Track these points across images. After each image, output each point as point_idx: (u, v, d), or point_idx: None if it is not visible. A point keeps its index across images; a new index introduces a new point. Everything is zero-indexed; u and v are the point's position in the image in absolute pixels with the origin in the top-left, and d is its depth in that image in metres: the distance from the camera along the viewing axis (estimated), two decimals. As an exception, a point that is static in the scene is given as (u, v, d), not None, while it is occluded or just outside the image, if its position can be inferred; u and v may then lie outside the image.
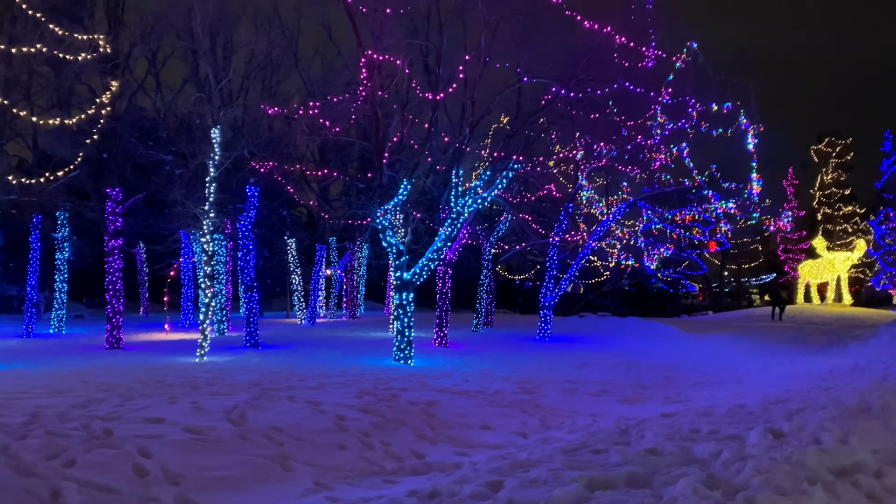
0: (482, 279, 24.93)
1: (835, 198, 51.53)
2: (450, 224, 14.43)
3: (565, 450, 6.40)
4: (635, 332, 24.06)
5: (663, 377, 14.75)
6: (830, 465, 4.87)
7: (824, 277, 41.53)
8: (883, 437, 5.73)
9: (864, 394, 7.94)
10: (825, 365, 16.38)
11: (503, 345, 19.82)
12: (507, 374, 13.66)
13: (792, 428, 5.90)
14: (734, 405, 9.50)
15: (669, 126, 17.12)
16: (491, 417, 9.64)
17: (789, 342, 23.45)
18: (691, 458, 5.34)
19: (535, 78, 13.89)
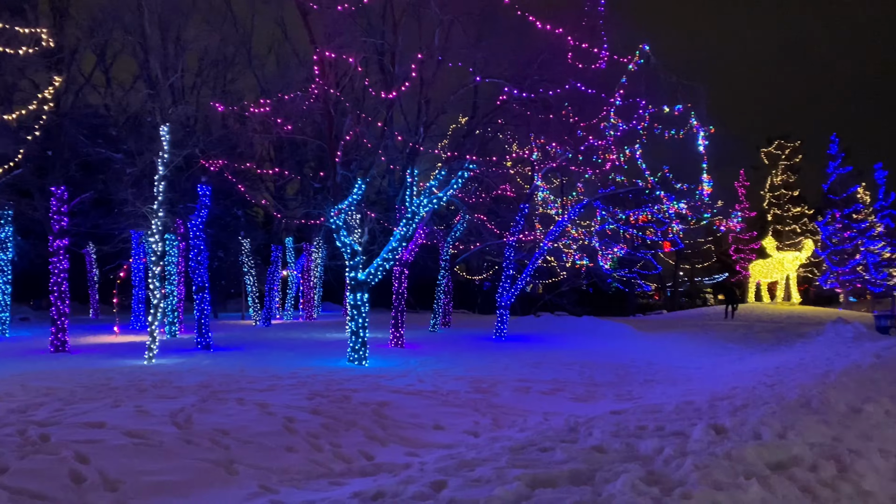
0: (439, 279, 24.92)
1: (784, 199, 52.99)
2: (405, 224, 14.36)
3: (513, 448, 6.39)
4: (590, 331, 24.34)
5: (616, 375, 14.93)
6: (768, 459, 4.95)
7: (774, 277, 42.65)
8: (820, 432, 5.87)
9: (806, 389, 8.14)
10: (773, 362, 16.80)
11: (459, 345, 19.83)
12: (461, 373, 13.66)
13: (734, 424, 5.99)
14: (682, 402, 9.65)
15: (622, 127, 17.34)
16: (443, 417, 9.60)
17: (740, 340, 24.01)
18: (635, 455, 5.39)
19: (488, 78, 13.92)
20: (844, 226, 48.16)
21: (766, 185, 53.82)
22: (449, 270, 25.83)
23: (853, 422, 6.55)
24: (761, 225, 53.37)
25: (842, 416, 6.73)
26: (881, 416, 7.17)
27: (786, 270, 41.28)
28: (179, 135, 19.10)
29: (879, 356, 13.29)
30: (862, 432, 6.18)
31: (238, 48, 24.13)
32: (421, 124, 14.13)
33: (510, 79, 13.78)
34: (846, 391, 8.10)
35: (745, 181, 54.76)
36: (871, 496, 4.60)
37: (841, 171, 48.88)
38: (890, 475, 5.25)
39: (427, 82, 13.80)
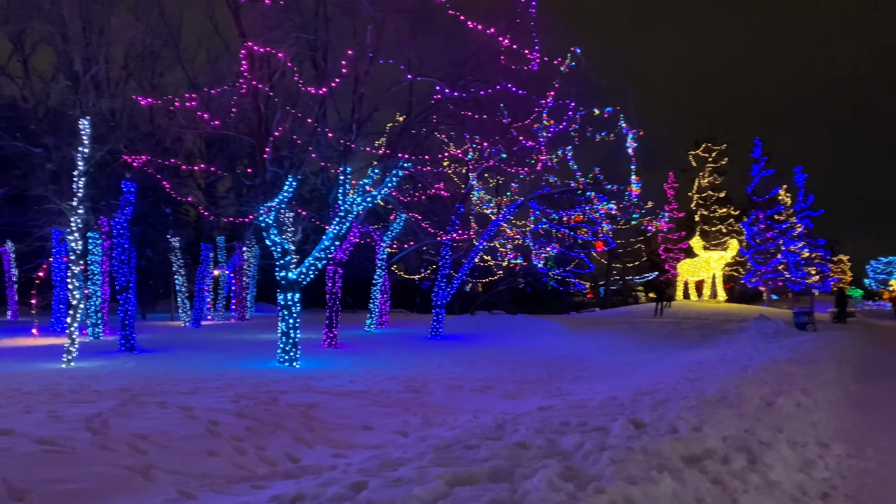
0: (376, 279, 24.77)
1: (711, 200, 54.89)
2: (338, 222, 14.20)
3: (438, 447, 6.38)
4: (524, 329, 24.61)
5: (547, 372, 15.14)
6: (683, 452, 5.09)
7: (701, 275, 44.13)
8: (734, 425, 6.07)
9: (724, 384, 8.42)
10: (697, 357, 17.34)
11: (395, 344, 19.76)
12: (394, 373, 13.60)
13: (653, 418, 6.14)
14: (607, 397, 9.85)
15: (554, 129, 17.60)
16: (373, 417, 9.53)
17: (667, 337, 24.71)
18: (556, 451, 5.45)
19: (421, 76, 13.89)
20: (767, 226, 50.22)
21: (693, 187, 55.63)
22: (385, 270, 25.70)
23: (766, 414, 6.80)
24: (689, 225, 55.12)
25: (756, 409, 6.99)
26: (792, 408, 7.49)
27: (712, 269, 42.78)
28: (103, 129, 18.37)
29: (795, 351, 13.90)
30: (773, 424, 6.42)
31: (166, 41, 23.37)
32: (354, 122, 13.99)
33: (443, 78, 13.79)
34: (762, 385, 8.41)
35: (675, 183, 56.48)
36: (778, 486, 4.79)
37: (764, 173, 50.95)
38: (797, 465, 5.47)
39: (360, 79, 13.66)
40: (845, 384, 10.76)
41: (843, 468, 5.71)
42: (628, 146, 18.37)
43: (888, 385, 11.21)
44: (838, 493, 5.03)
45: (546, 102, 16.05)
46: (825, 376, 10.67)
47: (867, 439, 6.90)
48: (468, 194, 20.62)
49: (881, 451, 6.37)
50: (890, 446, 6.61)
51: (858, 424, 7.67)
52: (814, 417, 7.41)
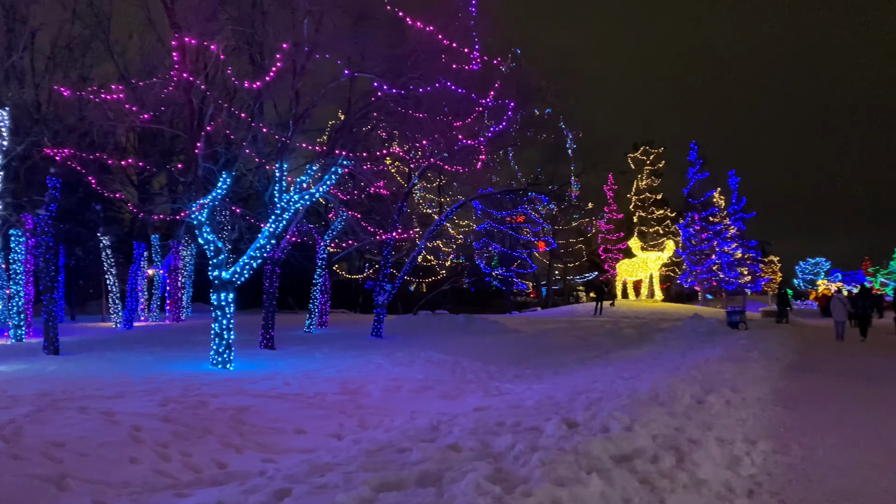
0: (316, 278, 24.36)
1: (648, 202, 56.15)
2: (274, 220, 13.85)
3: (370, 451, 6.24)
4: (465, 329, 24.62)
5: (486, 372, 15.12)
6: (614, 452, 5.08)
7: (639, 275, 45.07)
8: (665, 423, 6.11)
9: (657, 382, 8.52)
10: (633, 356, 17.65)
11: (334, 345, 19.43)
12: (331, 374, 13.34)
13: (586, 418, 6.13)
14: (544, 397, 9.88)
15: (494, 128, 17.63)
16: (307, 420, 9.29)
17: (606, 336, 25.10)
18: (488, 453, 5.38)
19: (359, 73, 13.67)
20: (702, 228, 51.77)
21: (632, 189, 56.81)
22: (326, 269, 25.32)
23: (696, 412, 6.89)
24: (628, 226, 56.27)
25: (686, 407, 7.07)
26: (722, 406, 7.62)
27: (649, 269, 43.73)
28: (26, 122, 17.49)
29: (727, 349, 14.26)
30: (703, 422, 6.50)
31: (95, 32, 22.39)
32: (291, 118, 13.65)
33: (382, 74, 13.60)
34: (693, 383, 8.55)
35: (614, 185, 57.59)
36: (705, 484, 4.81)
37: (699, 176, 52.49)
38: (725, 463, 5.53)
39: (297, 74, 13.35)
40: (774, 381, 11.06)
41: (770, 465, 5.81)
42: (567, 146, 18.59)
43: (814, 382, 11.57)
44: (763, 490, 5.10)
45: (486, 102, 16.05)
46: (755, 374, 10.95)
47: (793, 436, 7.06)
48: (410, 193, 20.47)
49: (806, 448, 6.52)
50: (814, 442, 6.77)
51: (785, 421, 7.85)
52: (742, 415, 7.55)
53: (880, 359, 16.61)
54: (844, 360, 15.96)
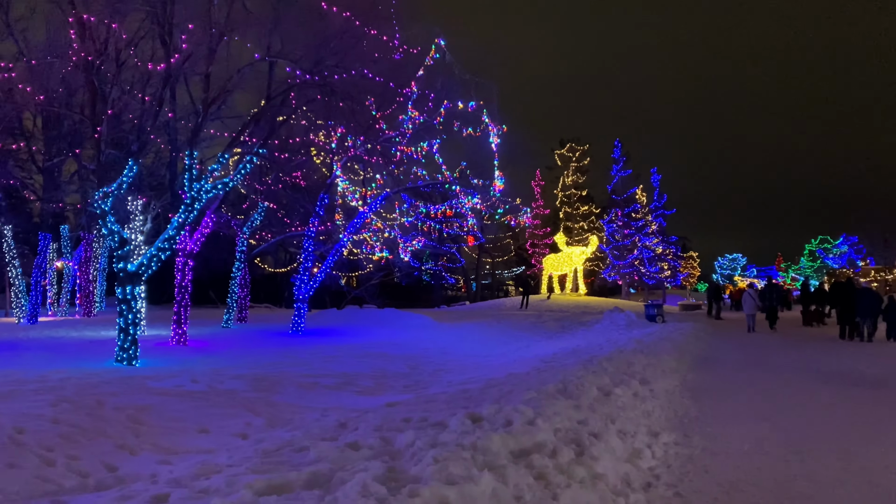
0: (234, 272, 23.61)
1: (574, 198, 57.19)
2: (184, 210, 13.26)
3: (268, 450, 5.97)
4: (391, 324, 24.38)
5: (408, 366, 14.96)
6: (513, 447, 4.98)
7: (564, 270, 45.79)
8: (569, 416, 6.07)
9: (567, 375, 8.53)
10: (553, 348, 17.83)
11: (252, 340, 18.88)
12: (244, 371, 12.89)
13: (490, 412, 6.02)
14: (459, 390, 9.77)
15: (419, 120, 17.44)
16: (212, 419, 8.89)
17: (529, 329, 25.35)
18: (387, 451, 5.20)
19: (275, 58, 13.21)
20: (625, 223, 53.11)
21: (559, 185, 57.73)
22: (245, 262, 24.58)
23: (602, 405, 6.90)
24: (554, 221, 57.18)
25: (593, 400, 7.08)
26: (629, 398, 7.67)
27: (574, 264, 44.49)
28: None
29: (641, 342, 14.54)
30: (608, 415, 6.51)
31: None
32: (200, 103, 13.06)
33: (298, 60, 13.17)
34: (603, 375, 8.60)
35: (541, 180, 58.39)
36: (602, 478, 4.77)
37: (623, 173, 53.81)
38: (625, 456, 5.53)
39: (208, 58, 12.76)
40: (683, 373, 11.32)
41: (670, 457, 5.85)
42: (491, 141, 18.55)
43: (722, 374, 11.92)
44: (661, 483, 5.11)
45: (407, 92, 15.81)
46: (665, 366, 11.17)
47: (696, 427, 7.17)
48: (333, 185, 20.04)
49: (707, 438, 6.63)
50: (715, 433, 6.89)
51: (690, 412, 7.99)
52: (648, 406, 7.63)
53: (787, 350, 17.33)
54: (753, 352, 16.55)
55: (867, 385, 10.49)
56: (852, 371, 12.41)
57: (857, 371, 12.41)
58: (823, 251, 77.37)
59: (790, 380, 11.12)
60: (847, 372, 12.24)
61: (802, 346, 18.62)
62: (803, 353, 16.42)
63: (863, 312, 20.05)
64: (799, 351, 17.03)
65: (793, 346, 18.68)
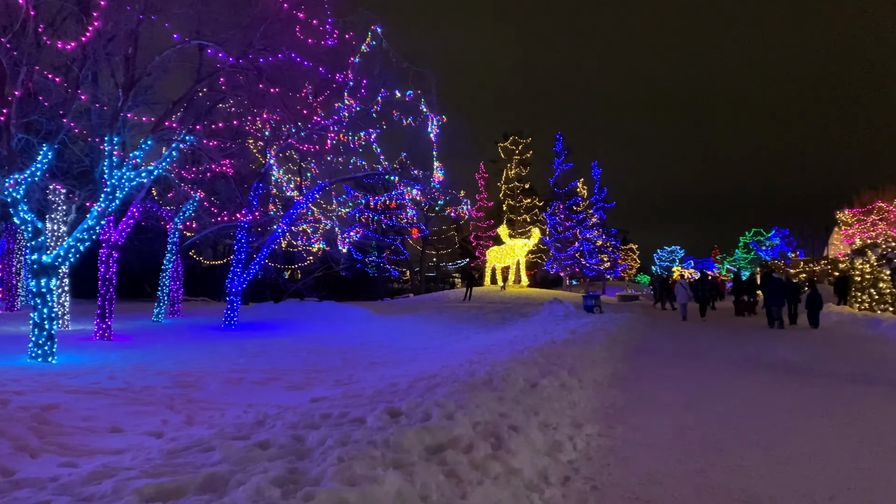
0: (165, 264, 22.79)
1: (517, 191, 57.48)
2: (105, 199, 12.62)
3: (174, 451, 5.63)
4: (330, 317, 23.99)
5: (342, 360, 14.66)
6: (429, 442, 4.80)
7: (507, 262, 45.97)
8: (491, 409, 5.92)
9: (496, 366, 8.41)
10: (491, 340, 17.79)
11: (181, 335, 18.23)
12: (168, 366, 12.41)
13: (410, 406, 5.83)
14: (388, 384, 9.55)
15: (355, 108, 17.08)
16: (127, 418, 8.46)
17: (470, 321, 25.31)
18: (296, 450, 4.95)
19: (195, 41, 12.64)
20: (566, 216, 53.70)
21: (502, 178, 57.94)
22: (177, 254, 23.77)
23: (527, 397, 6.79)
24: (498, 214, 57.37)
25: (518, 391, 6.96)
26: (555, 389, 7.59)
27: (517, 256, 44.71)
28: None
29: (575, 332, 14.59)
30: (531, 406, 6.39)
31: None
32: (119, 86, 12.40)
33: (223, 43, 12.64)
34: (532, 366, 8.51)
35: (485, 173, 58.48)
36: (518, 474, 4.63)
37: (564, 167, 54.35)
38: (545, 449, 5.41)
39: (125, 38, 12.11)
40: (614, 363, 11.36)
41: (591, 449, 5.77)
42: (430, 132, 18.33)
43: (653, 363, 12.02)
44: (579, 476, 5.01)
45: (340, 78, 15.40)
46: (596, 356, 11.19)
47: (620, 417, 7.14)
48: (267, 174, 19.49)
49: (630, 429, 6.58)
50: (639, 423, 6.86)
51: (616, 402, 7.97)
52: (574, 397, 7.57)
53: (718, 339, 17.71)
54: (685, 342, 16.85)
55: (792, 373, 10.73)
56: (778, 359, 12.70)
57: (783, 359, 12.71)
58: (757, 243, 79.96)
59: (718, 369, 11.29)
60: (773, 360, 12.52)
61: (733, 335, 19.07)
62: (733, 342, 16.80)
63: (770, 301, 21.03)
64: (729, 340, 17.42)
65: (724, 335, 19.12)
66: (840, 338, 18.05)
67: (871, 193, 46.79)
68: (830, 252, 55.38)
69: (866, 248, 25.72)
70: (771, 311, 21.22)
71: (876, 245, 25.81)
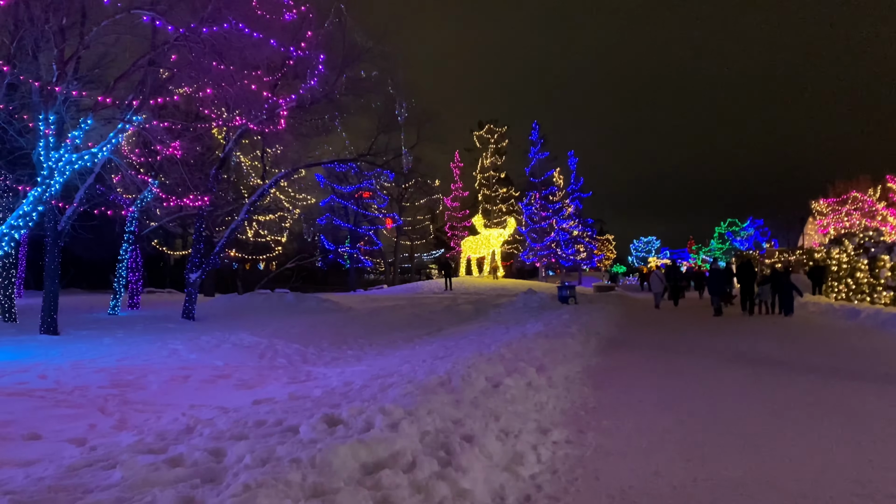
0: (121, 254, 21.72)
1: (493, 180, 56.79)
2: (42, 183, 11.66)
3: (74, 467, 4.89)
4: (294, 309, 23.12)
5: (301, 355, 13.88)
6: (365, 459, 4.06)
7: (482, 252, 45.32)
8: (444, 415, 5.20)
9: (457, 364, 7.69)
10: (459, 333, 17.07)
11: (133, 329, 17.25)
12: (109, 363, 11.53)
13: (352, 414, 5.08)
14: (341, 384, 8.82)
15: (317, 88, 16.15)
16: (49, 422, 7.61)
17: (442, 313, 24.55)
18: (208, 469, 4.19)
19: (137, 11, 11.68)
20: (542, 206, 53.14)
21: (477, 167, 57.21)
22: (135, 244, 22.70)
23: (487, 399, 6.07)
24: (473, 204, 56.66)
25: (479, 392, 6.25)
26: (521, 388, 6.89)
27: (492, 246, 44.07)
28: None
29: (548, 324, 13.93)
30: (491, 410, 5.68)
31: None
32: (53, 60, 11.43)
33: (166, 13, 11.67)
34: (497, 363, 7.81)
35: (460, 162, 57.70)
36: (468, 495, 3.92)
37: (540, 156, 53.74)
38: (503, 462, 4.70)
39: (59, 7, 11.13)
40: (588, 357, 10.71)
41: (557, 459, 5.07)
42: (398, 113, 17.52)
43: (628, 358, 11.39)
44: (542, 495, 4.30)
45: (293, 52, 14.47)
46: (569, 350, 10.53)
47: (592, 419, 6.46)
48: (226, 160, 18.53)
49: (602, 434, 5.90)
50: (611, 426, 6.19)
51: (588, 402, 7.29)
52: (542, 398, 6.87)
53: (695, 330, 17.18)
54: (662, 334, 16.28)
55: (775, 366, 10.15)
56: (758, 351, 12.15)
57: (763, 351, 12.17)
58: (732, 234, 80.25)
59: (697, 363, 10.69)
60: (753, 352, 11.97)
61: (710, 326, 18.57)
62: (711, 333, 16.28)
63: (712, 290, 22.30)
64: (706, 331, 16.90)
65: (701, 326, 18.62)
66: (817, 328, 17.63)
67: (846, 183, 46.87)
68: (805, 242, 55.53)
69: (843, 238, 25.44)
70: (712, 300, 22.20)
71: (853, 234, 25.55)
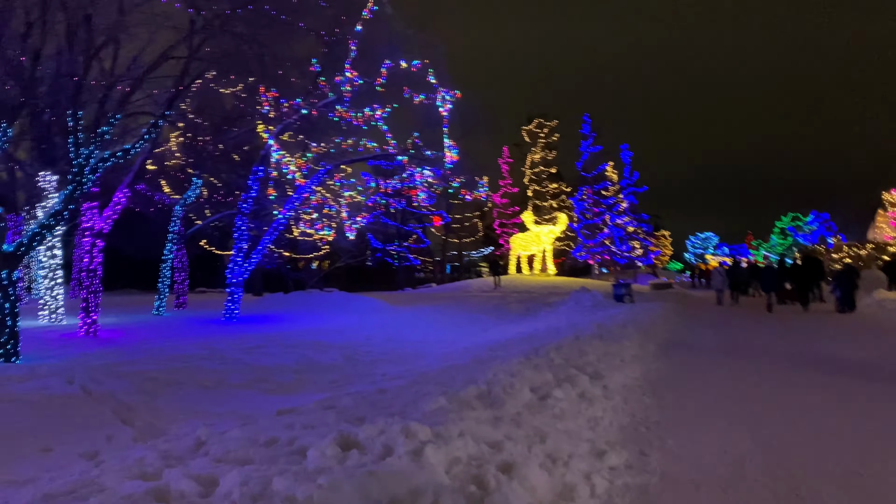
0: (166, 254, 21.61)
1: (543, 176, 55.56)
2: (72, 181, 11.34)
3: (50, 495, 4.24)
4: (340, 308, 22.64)
5: (343, 356, 13.30)
6: (377, 496, 3.32)
7: (532, 249, 44.30)
8: (481, 436, 4.40)
9: (500, 370, 6.89)
10: (510, 333, 16.27)
11: (177, 329, 17.00)
12: (145, 366, 11.09)
13: (370, 434, 4.33)
14: (375, 390, 8.10)
15: (357, 81, 15.60)
16: (64, 433, 7.15)
17: (490, 311, 23.80)
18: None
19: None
20: (595, 201, 51.69)
21: (527, 163, 56.06)
22: (182, 244, 22.60)
23: (533, 414, 5.25)
24: (523, 200, 55.55)
25: (522, 406, 5.44)
26: (572, 400, 6.04)
27: (542, 243, 43.00)
28: None
29: (602, 325, 12.97)
30: (537, 430, 4.86)
31: None
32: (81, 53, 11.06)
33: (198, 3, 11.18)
34: (545, 370, 6.97)
35: (510, 158, 56.65)
36: (503, 548, 3.12)
37: (592, 150, 52.28)
38: (549, 497, 3.88)
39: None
40: (647, 362, 9.76)
41: (615, 492, 4.22)
42: (440, 105, 16.78)
43: (691, 361, 10.40)
44: (597, 544, 3.47)
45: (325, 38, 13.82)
46: (626, 354, 9.59)
47: (655, 437, 5.57)
48: (267, 156, 18.12)
49: (669, 457, 5.02)
50: (679, 447, 5.29)
51: (650, 415, 6.40)
52: (597, 411, 6.01)
53: (761, 330, 15.96)
54: (726, 334, 15.15)
55: (861, 374, 9.01)
56: (836, 355, 10.98)
57: (842, 355, 10.98)
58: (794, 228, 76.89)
59: (768, 368, 9.63)
60: (831, 356, 10.80)
61: (776, 325, 17.27)
62: (779, 335, 15.04)
63: (765, 287, 22.94)
64: (774, 332, 15.65)
65: (766, 325, 17.34)
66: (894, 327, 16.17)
67: (921, 172, 43.95)
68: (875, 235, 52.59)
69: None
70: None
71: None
